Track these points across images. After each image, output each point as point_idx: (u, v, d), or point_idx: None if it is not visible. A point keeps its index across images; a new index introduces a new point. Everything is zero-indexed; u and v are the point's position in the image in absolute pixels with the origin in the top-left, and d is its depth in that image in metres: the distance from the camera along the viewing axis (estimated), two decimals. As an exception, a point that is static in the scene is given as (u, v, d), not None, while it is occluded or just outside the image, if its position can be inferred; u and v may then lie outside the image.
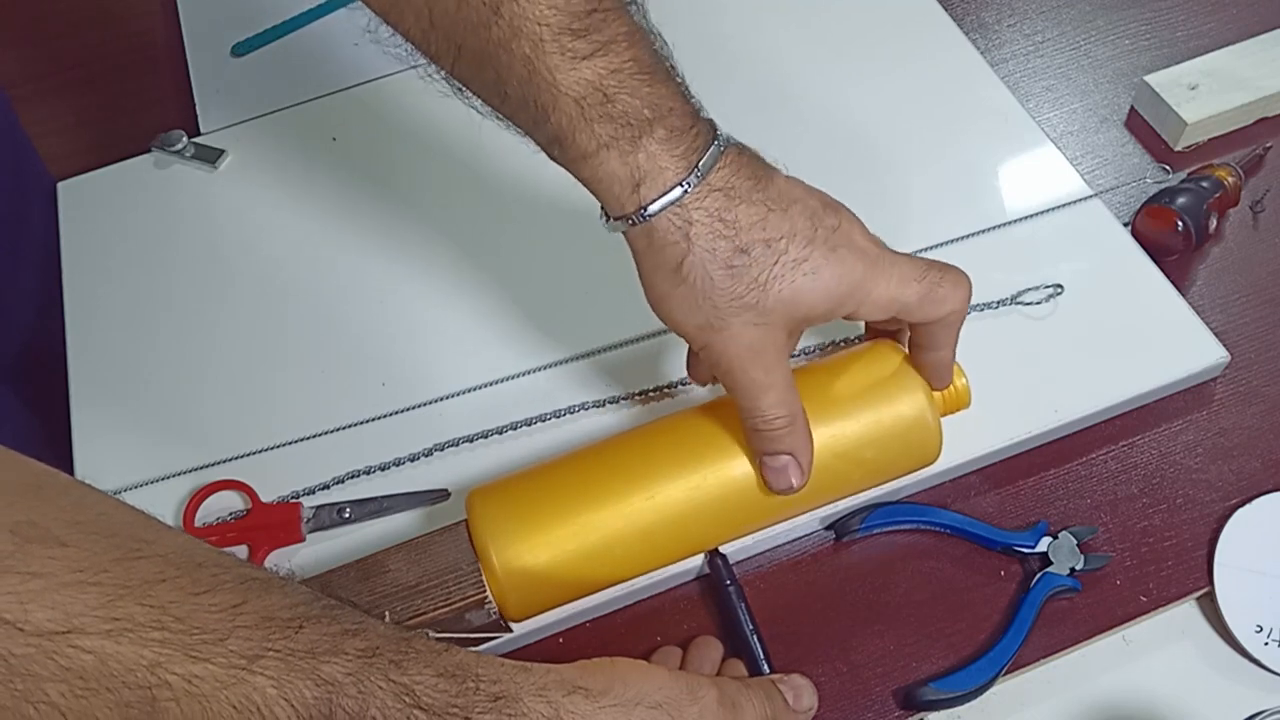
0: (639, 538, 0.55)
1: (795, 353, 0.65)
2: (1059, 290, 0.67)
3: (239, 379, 0.70)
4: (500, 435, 0.65)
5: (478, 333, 0.70)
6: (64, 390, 0.70)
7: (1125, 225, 0.70)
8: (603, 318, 0.69)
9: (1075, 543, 0.59)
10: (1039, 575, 0.58)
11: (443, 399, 0.67)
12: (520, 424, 0.65)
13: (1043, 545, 0.59)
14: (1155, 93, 0.75)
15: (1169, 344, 0.65)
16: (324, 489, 0.64)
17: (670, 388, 0.66)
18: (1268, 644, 0.56)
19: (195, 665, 0.37)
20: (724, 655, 0.57)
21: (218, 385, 0.70)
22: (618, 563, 0.56)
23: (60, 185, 0.80)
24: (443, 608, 0.54)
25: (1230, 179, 0.70)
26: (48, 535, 0.36)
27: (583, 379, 0.67)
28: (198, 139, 0.81)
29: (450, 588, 0.54)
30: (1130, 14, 0.83)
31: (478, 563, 0.54)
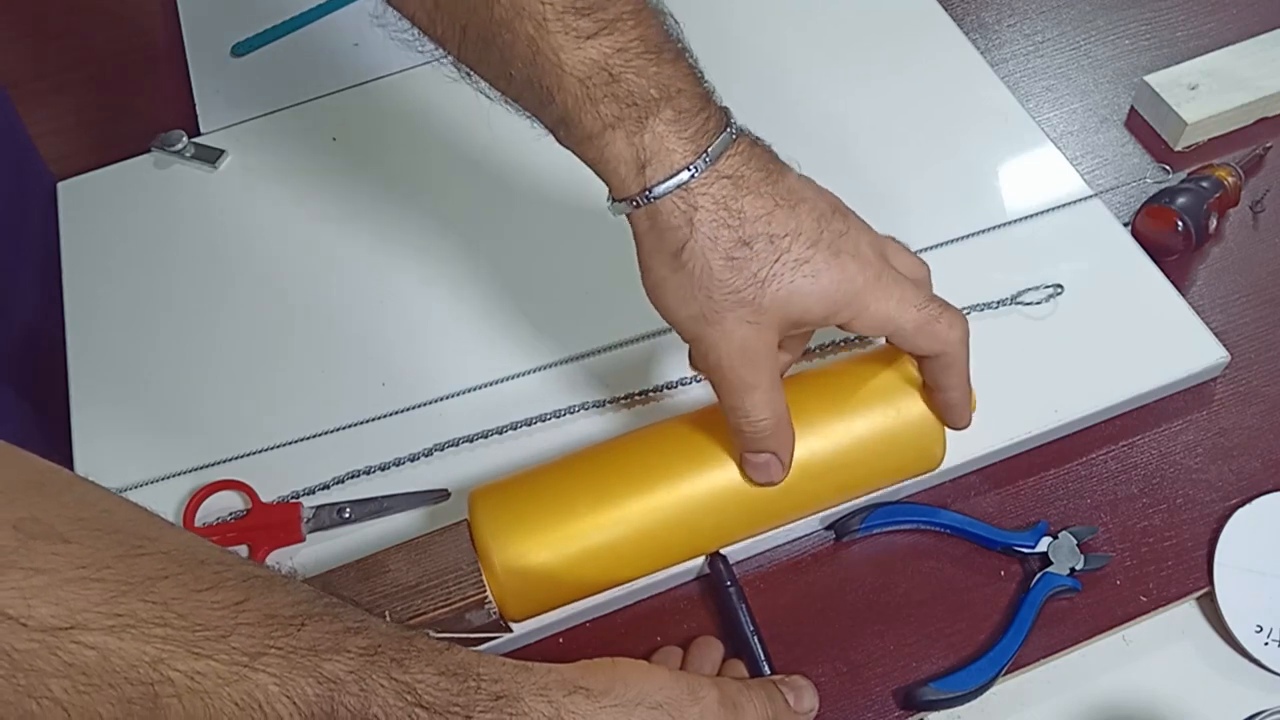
0: (640, 539, 0.55)
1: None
2: (1059, 290, 0.67)
3: (239, 379, 0.70)
4: (500, 435, 0.65)
5: (478, 333, 0.70)
6: (64, 390, 0.70)
7: (1125, 225, 0.70)
8: (603, 318, 0.69)
9: (1075, 543, 0.59)
10: (1039, 575, 0.58)
11: (443, 399, 0.67)
12: (520, 424, 0.65)
13: (1043, 545, 0.59)
14: (1155, 93, 0.75)
15: (1169, 344, 0.65)
16: (324, 489, 0.64)
17: (670, 388, 0.66)
18: (1268, 644, 0.56)
19: (197, 662, 0.37)
20: (724, 656, 0.57)
21: (218, 385, 0.70)
22: (619, 564, 0.56)
23: (60, 185, 0.80)
24: (443, 608, 0.53)
25: (1230, 179, 0.70)
26: (51, 532, 0.36)
27: (583, 379, 0.67)
28: (198, 139, 0.81)
29: (450, 588, 0.54)
30: (1130, 14, 0.83)
31: (478, 563, 0.54)
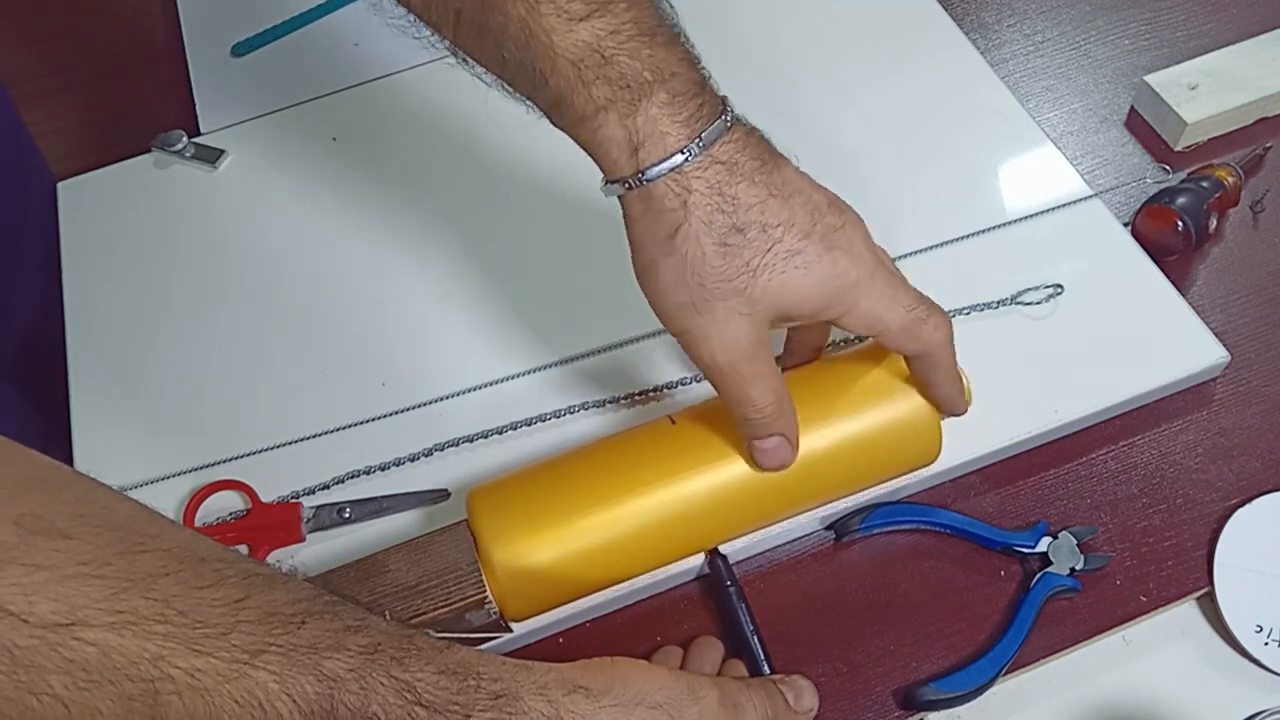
0: (639, 537, 0.55)
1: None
2: (1059, 290, 0.67)
3: (239, 379, 0.70)
4: (500, 435, 0.65)
5: (478, 333, 0.70)
6: (64, 390, 0.70)
7: (1125, 225, 0.70)
8: (603, 318, 0.69)
9: (1075, 543, 0.59)
10: (1039, 575, 0.58)
11: (443, 399, 0.67)
12: (520, 424, 0.65)
13: (1043, 545, 0.59)
14: (1155, 93, 0.75)
15: (1169, 344, 0.65)
16: (324, 489, 0.64)
17: (670, 388, 0.66)
18: (1268, 644, 0.56)
19: (198, 659, 0.37)
20: (724, 656, 0.57)
21: (218, 385, 0.70)
22: (618, 562, 0.56)
23: (60, 185, 0.80)
24: (443, 608, 0.53)
25: (1230, 179, 0.70)
26: (52, 528, 0.36)
27: (582, 379, 0.67)
28: (198, 139, 0.81)
29: (450, 588, 0.54)
30: (1130, 14, 0.83)
31: (478, 563, 0.54)
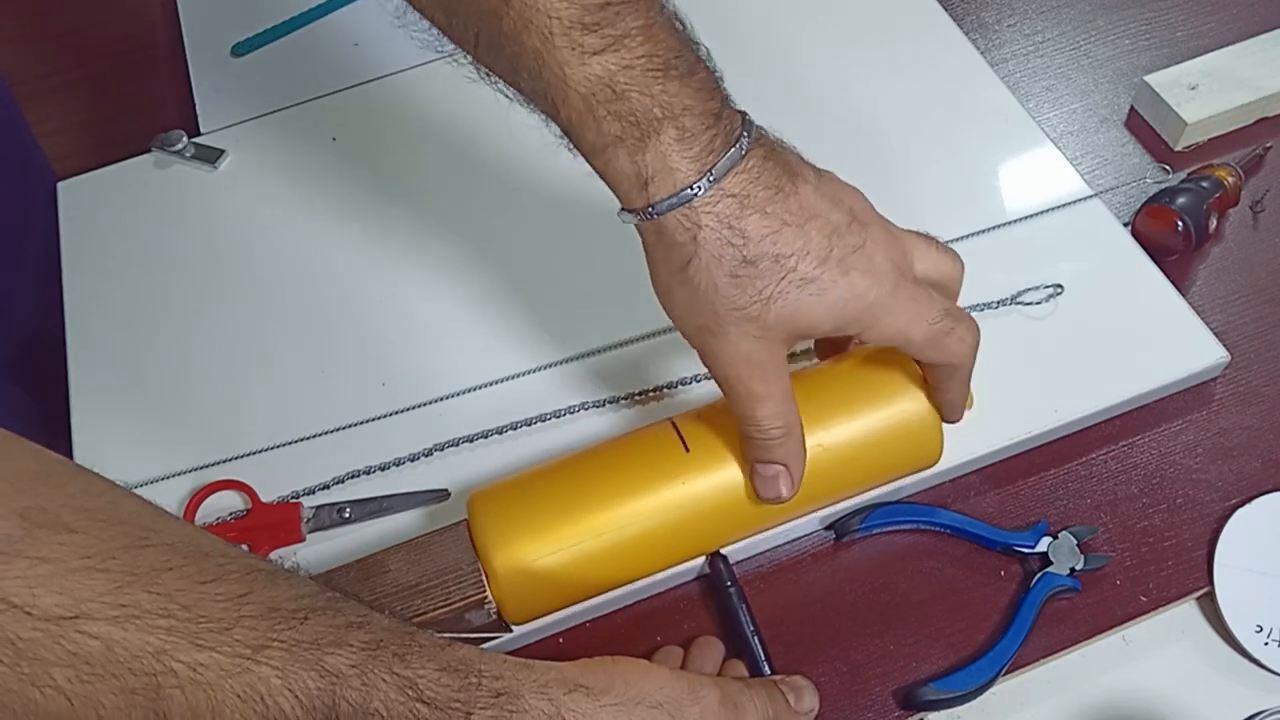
0: (640, 540, 0.55)
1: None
2: (1059, 290, 0.67)
3: (239, 379, 0.70)
4: (500, 435, 0.65)
5: (478, 333, 0.70)
6: (64, 389, 0.70)
7: (1125, 225, 0.70)
8: (604, 317, 0.69)
9: (1075, 543, 0.59)
10: (1039, 575, 0.58)
11: (443, 399, 0.67)
12: (520, 424, 0.65)
13: (1043, 545, 0.59)
14: (1155, 93, 0.75)
15: (1169, 344, 0.65)
16: (324, 489, 0.64)
17: (671, 388, 0.66)
18: (1268, 644, 0.56)
19: (200, 653, 0.37)
20: (725, 656, 0.57)
21: (218, 385, 0.70)
22: (618, 565, 0.56)
23: (60, 185, 0.80)
24: (443, 608, 0.54)
25: (1230, 179, 0.70)
26: (56, 521, 0.36)
27: (583, 379, 0.67)
28: (198, 139, 0.81)
29: (450, 588, 0.54)
30: (1130, 14, 0.83)
31: (478, 563, 0.54)
